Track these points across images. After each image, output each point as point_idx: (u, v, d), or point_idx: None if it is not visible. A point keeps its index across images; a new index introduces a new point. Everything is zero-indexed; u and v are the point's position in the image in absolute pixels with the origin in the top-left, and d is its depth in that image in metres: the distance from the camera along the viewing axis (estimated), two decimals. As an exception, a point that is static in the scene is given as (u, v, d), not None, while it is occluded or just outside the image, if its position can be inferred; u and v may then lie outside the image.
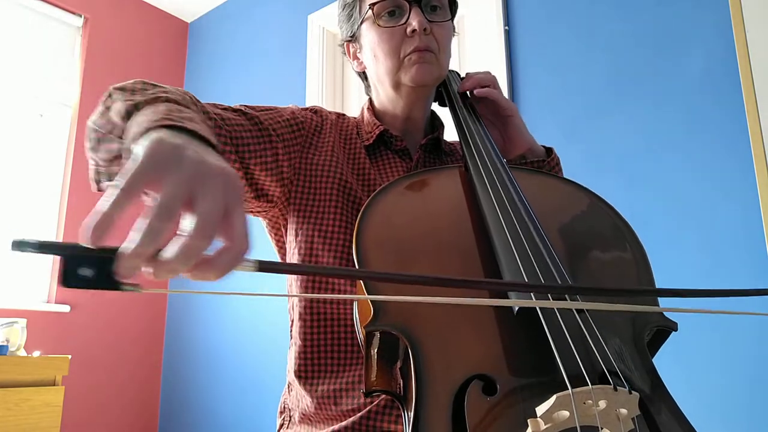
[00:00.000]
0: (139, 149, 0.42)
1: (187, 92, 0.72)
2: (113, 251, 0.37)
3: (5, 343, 2.07)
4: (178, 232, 0.39)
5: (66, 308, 2.77)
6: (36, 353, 2.19)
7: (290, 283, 0.91)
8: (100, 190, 0.65)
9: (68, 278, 0.37)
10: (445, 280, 0.46)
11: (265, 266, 0.40)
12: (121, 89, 0.65)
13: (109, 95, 0.65)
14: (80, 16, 3.15)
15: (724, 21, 1.74)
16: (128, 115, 0.59)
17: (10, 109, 2.84)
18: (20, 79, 2.90)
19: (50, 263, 2.82)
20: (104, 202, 0.38)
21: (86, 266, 0.37)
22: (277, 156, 0.84)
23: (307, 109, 0.95)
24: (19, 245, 0.35)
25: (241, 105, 0.85)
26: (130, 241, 0.37)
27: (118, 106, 0.61)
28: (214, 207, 0.39)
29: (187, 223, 0.38)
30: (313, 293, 0.85)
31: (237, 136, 0.79)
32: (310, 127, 0.92)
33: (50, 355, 2.14)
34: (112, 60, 3.21)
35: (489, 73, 0.95)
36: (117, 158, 0.62)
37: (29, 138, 2.89)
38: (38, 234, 2.83)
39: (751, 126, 1.63)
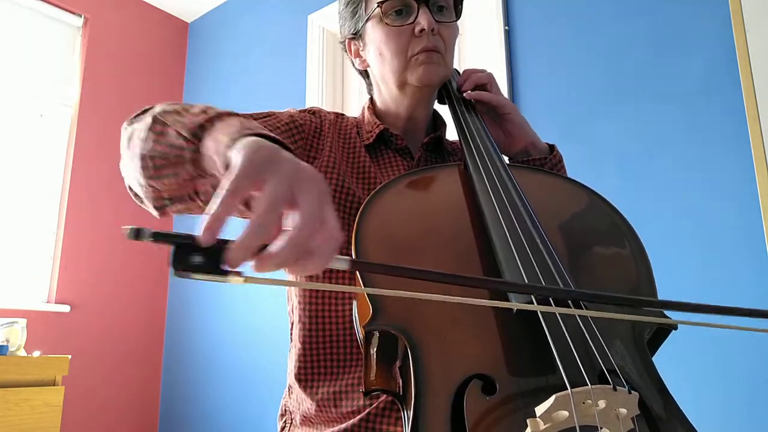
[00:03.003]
0: (238, 155, 0.46)
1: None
2: (224, 242, 0.40)
3: (5, 343, 2.07)
4: (283, 229, 0.42)
5: (66, 308, 2.77)
6: (36, 353, 2.19)
7: (289, 288, 0.91)
8: (164, 215, 0.67)
9: (179, 263, 0.40)
10: (474, 279, 0.47)
11: (358, 265, 0.45)
12: (165, 113, 0.65)
13: (155, 122, 0.64)
14: (80, 16, 3.15)
15: (724, 21, 1.74)
16: (196, 135, 0.60)
17: (10, 109, 2.84)
18: (20, 79, 2.90)
19: (50, 264, 2.82)
20: (213, 205, 0.41)
21: (197, 254, 0.40)
22: None
23: (305, 110, 0.95)
24: (136, 234, 0.38)
25: None
26: (241, 234, 0.40)
27: (179, 129, 0.61)
28: (316, 203, 0.43)
29: (291, 219, 0.42)
30: (313, 298, 0.85)
31: None
32: (310, 130, 0.91)
33: (50, 355, 2.14)
34: (112, 60, 3.21)
35: (486, 71, 0.94)
36: (189, 179, 0.62)
37: (29, 138, 2.89)
38: (37, 234, 2.83)
39: (751, 126, 1.63)
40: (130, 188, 0.70)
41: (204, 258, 0.40)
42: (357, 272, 0.63)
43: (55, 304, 2.75)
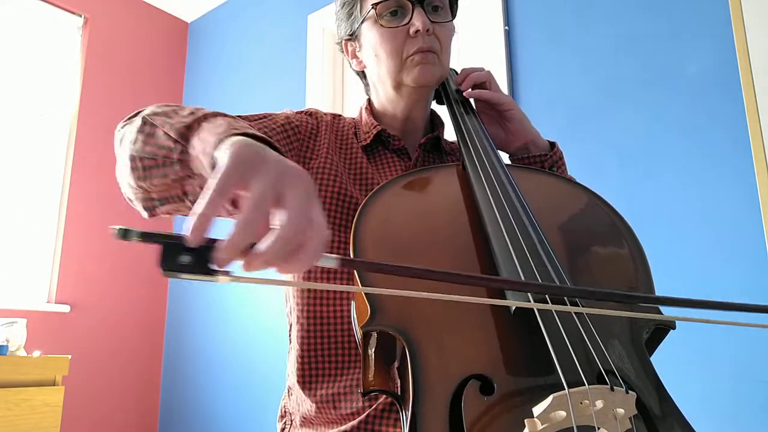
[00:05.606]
0: (224, 154, 0.46)
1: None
2: (212, 242, 0.40)
3: (5, 343, 2.07)
4: (270, 227, 0.42)
5: (66, 308, 2.77)
6: (36, 353, 2.19)
7: (287, 289, 0.91)
8: (153, 215, 0.68)
9: (167, 263, 0.40)
10: (463, 276, 0.47)
11: (346, 262, 0.44)
12: (154, 115, 0.66)
13: (144, 123, 0.65)
14: (80, 16, 3.15)
15: (724, 22, 1.74)
16: (184, 136, 0.60)
17: (10, 109, 2.84)
18: (20, 78, 2.90)
19: (50, 264, 2.82)
20: (200, 204, 0.41)
21: (185, 254, 0.40)
22: None
23: (302, 112, 0.95)
24: (124, 234, 0.38)
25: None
26: (228, 234, 0.40)
27: (167, 130, 0.62)
28: (302, 202, 0.43)
29: (278, 217, 0.42)
30: (312, 297, 0.84)
31: None
32: (306, 131, 0.91)
33: (50, 355, 2.14)
34: (112, 60, 3.21)
35: (484, 69, 0.94)
36: (178, 180, 0.62)
37: (29, 138, 2.89)
38: (37, 234, 2.83)
39: (751, 126, 1.63)
40: (122, 190, 0.71)
41: (192, 258, 0.40)
42: (355, 272, 0.63)
43: (55, 304, 2.75)
